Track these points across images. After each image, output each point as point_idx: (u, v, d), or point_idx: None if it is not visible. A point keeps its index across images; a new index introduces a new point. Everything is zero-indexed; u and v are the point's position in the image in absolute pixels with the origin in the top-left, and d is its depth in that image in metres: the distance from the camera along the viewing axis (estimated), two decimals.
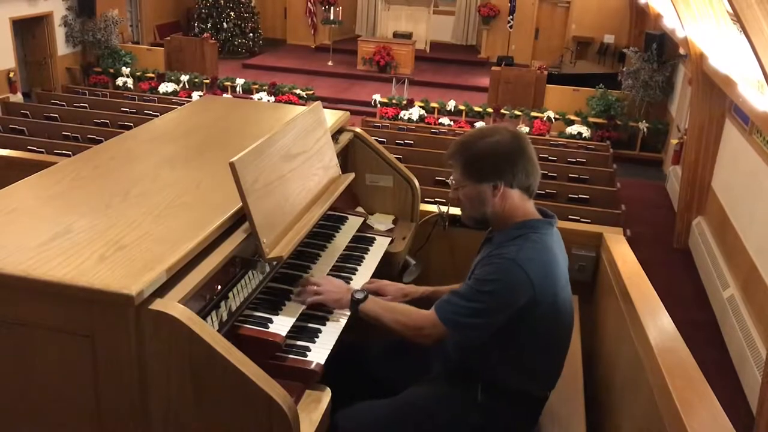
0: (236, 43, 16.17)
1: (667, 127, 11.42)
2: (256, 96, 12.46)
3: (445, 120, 11.72)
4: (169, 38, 14.22)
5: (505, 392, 2.10)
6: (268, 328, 1.97)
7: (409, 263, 2.91)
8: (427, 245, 3.08)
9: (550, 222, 2.11)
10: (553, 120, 11.61)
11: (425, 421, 2.12)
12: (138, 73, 13.27)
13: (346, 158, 3.00)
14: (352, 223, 2.73)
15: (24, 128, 9.33)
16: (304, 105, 2.89)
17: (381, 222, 2.93)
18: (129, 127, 8.11)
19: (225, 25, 16.01)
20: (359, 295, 2.14)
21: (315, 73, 15.15)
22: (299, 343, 2.00)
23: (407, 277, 2.85)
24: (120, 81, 13.17)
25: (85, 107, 10.66)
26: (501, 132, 2.07)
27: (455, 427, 2.12)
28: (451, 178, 2.13)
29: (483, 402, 2.10)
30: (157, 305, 1.59)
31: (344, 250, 2.55)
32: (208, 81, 12.93)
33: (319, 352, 1.98)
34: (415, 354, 2.30)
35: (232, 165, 1.90)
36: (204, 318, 1.76)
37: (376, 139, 3.12)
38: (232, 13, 16.03)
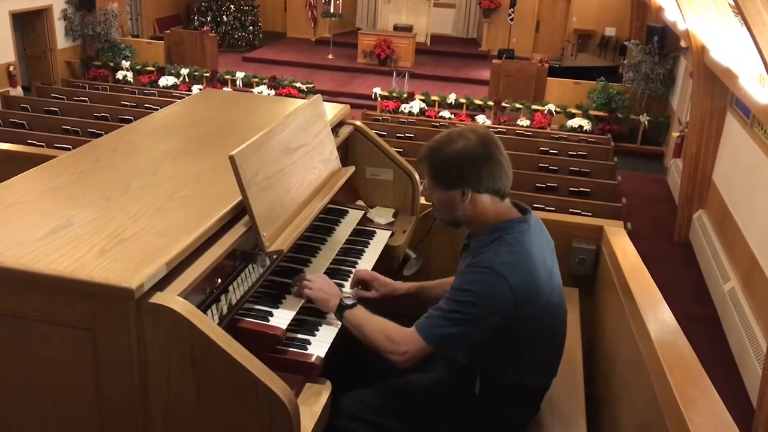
0: (236, 36, 16.15)
1: (668, 120, 11.40)
2: (256, 89, 12.45)
3: (445, 113, 11.71)
4: (168, 31, 14.19)
5: (503, 385, 2.10)
6: (268, 321, 1.97)
7: (410, 257, 2.91)
8: (427, 239, 3.08)
9: (525, 219, 2.08)
10: (554, 113, 11.60)
11: (422, 409, 2.13)
12: (138, 67, 13.25)
13: (347, 151, 3.00)
14: (353, 217, 2.73)
15: (24, 122, 9.32)
16: (304, 98, 2.89)
17: (381, 215, 2.93)
18: (129, 121, 8.10)
19: (225, 18, 15.98)
20: (348, 302, 2.11)
21: (315, 66, 15.13)
22: (299, 336, 2.01)
23: (408, 271, 2.85)
24: (120, 74, 13.15)
25: (85, 101, 10.65)
26: (467, 137, 2.03)
27: (452, 418, 2.13)
28: (423, 182, 2.13)
29: (481, 394, 2.10)
30: (158, 298, 1.59)
31: (344, 243, 2.55)
32: (208, 74, 12.91)
33: (319, 346, 1.98)
34: None
35: (231, 158, 1.89)
36: (204, 311, 1.75)
37: (377, 133, 3.12)
38: (232, 6, 16.00)
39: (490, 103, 11.90)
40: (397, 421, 2.12)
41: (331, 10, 15.94)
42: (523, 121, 11.47)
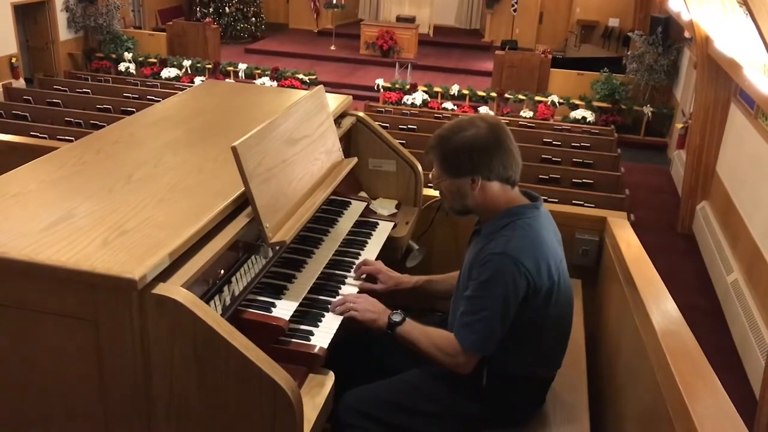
0: (238, 27, 16.10)
1: (671, 111, 11.36)
2: (258, 81, 12.42)
3: (448, 104, 11.67)
4: (171, 23, 14.15)
5: (510, 377, 2.10)
6: (271, 312, 1.97)
7: (413, 248, 2.91)
8: (430, 230, 3.08)
9: (536, 205, 2.10)
10: (558, 104, 11.55)
11: (427, 403, 2.13)
12: (140, 59, 13.22)
13: (349, 143, 2.99)
14: (355, 208, 2.72)
15: (26, 114, 9.31)
16: (306, 90, 2.87)
17: (384, 207, 2.93)
18: (131, 113, 8.08)
19: (227, 9, 15.93)
20: (396, 318, 2.11)
21: (318, 57, 15.09)
22: (303, 327, 2.01)
23: (410, 262, 2.85)
24: (122, 66, 13.13)
25: (87, 93, 10.64)
26: (477, 125, 2.03)
27: (458, 411, 2.13)
28: (432, 171, 2.13)
29: (488, 386, 2.10)
30: (160, 289, 1.59)
31: (347, 234, 2.55)
32: (210, 66, 12.87)
33: (322, 336, 1.98)
34: None
35: (234, 149, 1.89)
36: (207, 302, 1.76)
37: (379, 124, 3.11)
38: None
39: (493, 94, 11.86)
40: (403, 415, 2.12)
41: (334, 2, 15.88)
42: (526, 113, 11.43)
